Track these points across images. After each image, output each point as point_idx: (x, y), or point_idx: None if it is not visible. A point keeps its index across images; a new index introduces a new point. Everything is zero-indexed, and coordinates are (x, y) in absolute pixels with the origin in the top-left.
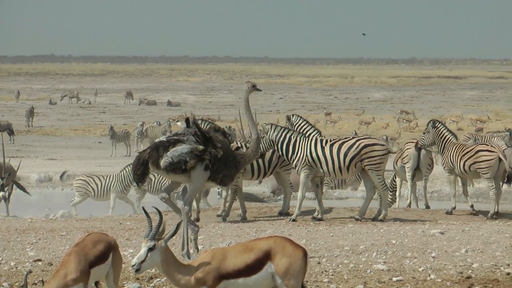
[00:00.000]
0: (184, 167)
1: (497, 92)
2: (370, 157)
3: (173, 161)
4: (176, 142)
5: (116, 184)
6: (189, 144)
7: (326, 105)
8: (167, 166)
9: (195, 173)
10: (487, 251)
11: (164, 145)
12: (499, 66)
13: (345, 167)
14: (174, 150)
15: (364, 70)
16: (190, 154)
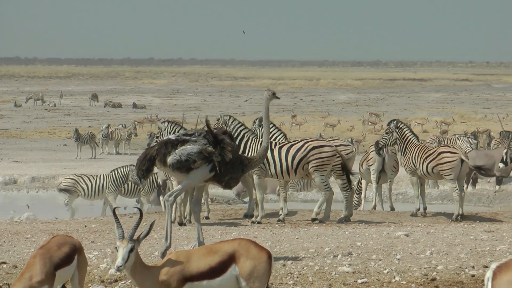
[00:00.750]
0: (191, 167)
1: (462, 94)
2: (317, 158)
3: (181, 159)
4: (185, 141)
5: (108, 185)
6: (198, 145)
7: (292, 107)
8: (174, 164)
9: (197, 172)
10: (452, 253)
11: (173, 142)
12: (464, 69)
13: (293, 170)
14: (183, 148)
15: (329, 73)
16: (199, 154)
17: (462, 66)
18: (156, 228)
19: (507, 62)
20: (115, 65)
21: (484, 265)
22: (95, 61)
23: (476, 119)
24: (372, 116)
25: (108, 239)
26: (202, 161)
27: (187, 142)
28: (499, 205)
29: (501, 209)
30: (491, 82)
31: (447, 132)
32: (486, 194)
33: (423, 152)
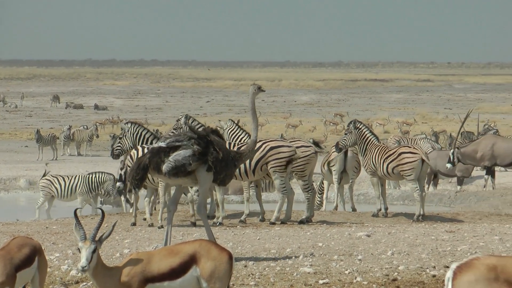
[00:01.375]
0: (188, 171)
1: (423, 95)
2: (275, 159)
3: (176, 165)
4: (177, 147)
5: (82, 186)
6: (189, 148)
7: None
8: (170, 170)
9: (200, 176)
10: (413, 253)
11: (165, 150)
12: (425, 69)
13: (251, 170)
14: (177, 154)
15: (291, 73)
16: (193, 157)
17: (423, 67)
18: (117, 229)
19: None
20: (76, 66)
21: (445, 265)
22: (57, 63)
23: (438, 119)
24: (336, 117)
25: (70, 240)
26: (197, 163)
27: (179, 148)
28: (460, 206)
29: (462, 210)
30: (452, 82)
31: (408, 132)
32: (447, 195)
33: (384, 152)
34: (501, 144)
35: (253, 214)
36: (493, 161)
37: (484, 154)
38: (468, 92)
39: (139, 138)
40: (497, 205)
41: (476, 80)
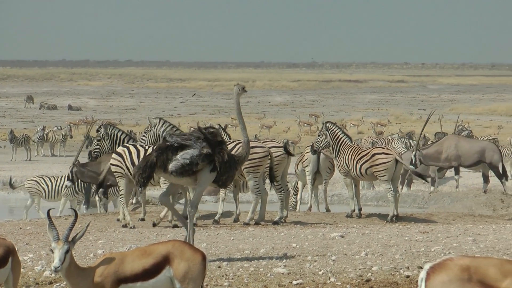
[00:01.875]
0: (194, 170)
1: (397, 95)
2: (249, 160)
3: (184, 164)
4: (184, 146)
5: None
6: (197, 148)
7: (227, 109)
8: (178, 169)
9: (202, 176)
10: (386, 254)
11: (172, 149)
12: (399, 70)
13: None
14: (185, 153)
15: (265, 74)
16: (200, 157)
17: (397, 68)
18: (91, 230)
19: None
20: (50, 66)
21: (419, 265)
22: (30, 63)
23: (412, 120)
24: (312, 117)
25: (43, 241)
26: (203, 164)
27: (186, 147)
28: (433, 206)
29: (435, 210)
30: (426, 83)
31: (382, 133)
32: (421, 195)
33: (357, 153)
34: (464, 144)
35: (228, 215)
36: (459, 161)
37: (449, 155)
38: (442, 93)
39: (116, 140)
40: (470, 206)
41: (450, 81)
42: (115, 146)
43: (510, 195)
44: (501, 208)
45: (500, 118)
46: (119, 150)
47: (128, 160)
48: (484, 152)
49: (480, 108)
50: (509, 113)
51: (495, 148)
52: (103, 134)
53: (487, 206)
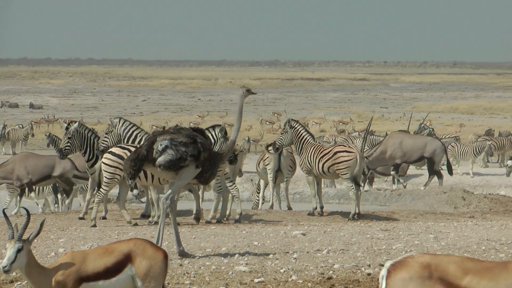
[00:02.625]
0: (181, 166)
1: (359, 94)
2: None
3: (173, 158)
4: (171, 140)
5: (49, 186)
6: (185, 144)
7: (189, 107)
8: (166, 163)
9: (186, 171)
10: (348, 252)
11: (159, 141)
12: (361, 68)
13: None
14: (175, 148)
15: (227, 72)
16: (189, 153)
17: (359, 66)
18: (53, 228)
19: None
20: (11, 65)
21: (380, 263)
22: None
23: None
24: (274, 116)
25: (5, 240)
26: (190, 160)
27: (175, 142)
28: (395, 204)
29: (397, 208)
30: (388, 81)
31: (344, 131)
32: (383, 193)
33: (319, 151)
34: (408, 140)
35: (189, 213)
36: (404, 158)
37: (393, 152)
38: (404, 91)
39: (84, 139)
40: (432, 204)
41: (412, 79)
42: (85, 145)
43: (471, 193)
44: (462, 206)
45: (462, 116)
46: (117, 151)
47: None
48: (426, 147)
49: (442, 106)
50: (470, 111)
51: (439, 145)
52: (73, 132)
53: (449, 204)
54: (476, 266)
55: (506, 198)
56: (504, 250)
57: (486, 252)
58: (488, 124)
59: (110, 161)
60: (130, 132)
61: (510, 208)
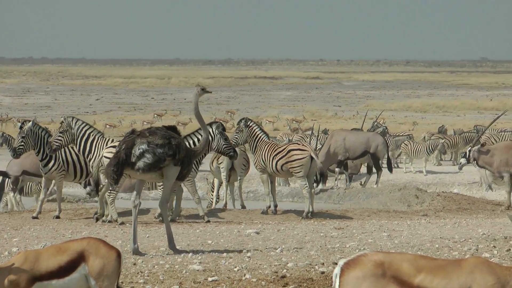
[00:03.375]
0: (161, 167)
1: (312, 92)
2: None
3: (151, 161)
4: (148, 143)
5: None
6: (161, 146)
7: (143, 106)
8: (146, 166)
9: (168, 170)
10: (302, 250)
11: (137, 145)
12: (314, 67)
13: None
14: (151, 150)
15: (181, 71)
16: (167, 153)
17: (312, 64)
18: (6, 227)
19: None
20: None
21: (334, 261)
22: None
23: (327, 116)
24: (227, 114)
25: None
26: (169, 159)
27: (149, 143)
28: (349, 202)
29: (351, 206)
30: (341, 80)
31: (298, 130)
32: (336, 192)
33: (273, 149)
34: (350, 137)
35: (143, 212)
36: (346, 155)
37: (337, 149)
38: (357, 89)
39: (38, 138)
40: (385, 202)
41: (365, 77)
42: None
43: (425, 191)
44: (416, 204)
45: (415, 115)
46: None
47: None
48: (368, 142)
49: (395, 104)
50: (423, 109)
51: (381, 140)
52: (27, 131)
53: (402, 202)
54: (429, 264)
55: (459, 196)
56: (457, 248)
57: (439, 250)
58: (441, 122)
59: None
60: (83, 131)
61: (463, 206)
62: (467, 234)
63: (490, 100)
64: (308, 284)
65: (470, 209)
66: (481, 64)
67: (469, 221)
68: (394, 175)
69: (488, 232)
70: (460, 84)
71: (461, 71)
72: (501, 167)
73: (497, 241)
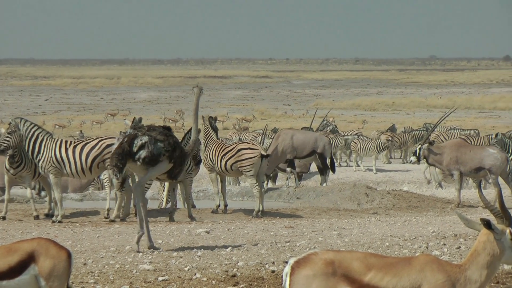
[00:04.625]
0: (159, 161)
1: (262, 91)
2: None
3: (153, 154)
4: (150, 136)
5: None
6: (161, 141)
7: (93, 106)
8: (147, 158)
9: (160, 165)
10: (252, 249)
11: (139, 137)
12: (264, 66)
13: (88, 168)
14: (152, 143)
15: (130, 71)
16: (166, 150)
17: (262, 63)
18: None
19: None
20: None
21: (284, 260)
22: None
23: (277, 115)
24: (177, 114)
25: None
26: (166, 156)
27: (151, 138)
28: (299, 201)
29: (301, 205)
30: (290, 78)
31: (247, 129)
32: (286, 190)
33: (221, 149)
34: (298, 136)
35: (93, 212)
36: (294, 153)
37: (284, 147)
38: (306, 88)
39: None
40: (335, 200)
41: (314, 76)
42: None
43: (375, 189)
44: (366, 202)
45: (364, 113)
46: None
47: None
48: (316, 142)
49: (344, 103)
50: (373, 107)
51: (327, 140)
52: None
53: (352, 200)
54: (379, 262)
55: (409, 194)
56: (407, 246)
57: (389, 248)
58: (390, 120)
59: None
60: (31, 132)
61: (413, 204)
62: (417, 232)
63: (439, 98)
64: (259, 283)
65: (420, 207)
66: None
67: (419, 219)
68: (344, 173)
69: (438, 230)
70: (409, 82)
71: (410, 69)
72: (451, 165)
73: (447, 238)
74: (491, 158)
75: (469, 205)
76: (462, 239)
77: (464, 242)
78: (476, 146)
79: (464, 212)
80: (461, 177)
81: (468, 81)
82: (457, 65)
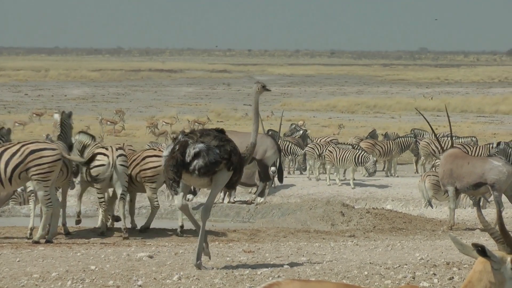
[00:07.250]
0: (215, 170)
1: (219, 88)
2: (37, 165)
3: (208, 162)
4: (204, 143)
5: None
6: (217, 147)
7: (15, 104)
8: (202, 168)
9: (220, 176)
10: (204, 277)
11: (191, 145)
12: (221, 58)
13: (7, 179)
14: (207, 150)
15: (60, 62)
16: (223, 158)
17: (219, 55)
18: None
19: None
20: None
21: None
22: None
23: (236, 117)
24: (117, 115)
25: None
26: (223, 164)
27: (204, 146)
28: (261, 220)
29: (263, 225)
30: (253, 73)
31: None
32: (246, 208)
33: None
34: (235, 139)
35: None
36: None
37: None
38: (272, 85)
39: None
40: (305, 220)
41: (281, 71)
42: None
43: (352, 207)
44: (341, 223)
45: (341, 116)
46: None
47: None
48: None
49: (317, 103)
50: (351, 109)
51: (270, 143)
52: None
53: (325, 220)
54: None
55: (393, 213)
56: (390, 275)
57: (369, 278)
58: (371, 125)
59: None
60: None
61: (398, 225)
62: (402, 259)
63: (430, 99)
64: None
65: (406, 229)
66: (420, 56)
67: (404, 243)
68: (316, 188)
69: (427, 256)
70: (395, 79)
71: (396, 64)
72: (444, 179)
73: (437, 267)
74: (495, 172)
75: (465, 227)
76: (456, 268)
77: (458, 272)
78: (476, 157)
79: (459, 235)
80: (456, 194)
81: (465, 79)
82: (452, 60)
